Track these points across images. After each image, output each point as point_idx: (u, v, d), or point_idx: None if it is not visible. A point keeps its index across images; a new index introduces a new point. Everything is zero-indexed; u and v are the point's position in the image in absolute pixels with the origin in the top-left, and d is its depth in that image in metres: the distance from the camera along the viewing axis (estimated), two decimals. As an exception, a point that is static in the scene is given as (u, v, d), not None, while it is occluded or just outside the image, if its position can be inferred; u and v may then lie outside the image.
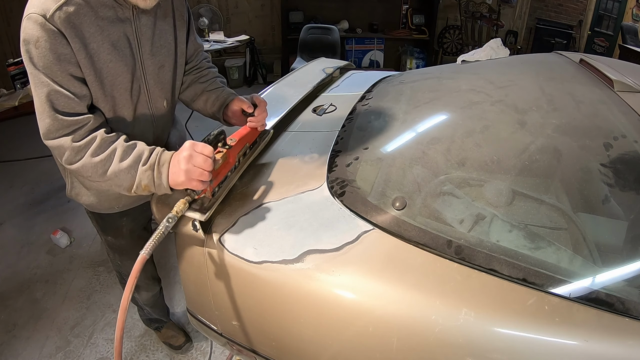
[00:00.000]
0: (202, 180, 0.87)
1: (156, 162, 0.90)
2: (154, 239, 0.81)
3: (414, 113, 1.28)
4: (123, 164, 0.90)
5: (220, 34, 4.53)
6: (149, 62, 1.01)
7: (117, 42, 0.93)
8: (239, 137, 1.02)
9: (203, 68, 1.21)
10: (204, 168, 0.86)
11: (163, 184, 0.90)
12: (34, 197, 2.82)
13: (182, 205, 0.87)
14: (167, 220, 0.84)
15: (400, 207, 0.93)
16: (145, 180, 0.90)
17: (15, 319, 1.96)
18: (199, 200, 0.92)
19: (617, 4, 4.54)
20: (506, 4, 5.37)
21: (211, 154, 0.87)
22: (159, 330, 1.80)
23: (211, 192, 0.93)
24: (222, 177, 0.97)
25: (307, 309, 0.87)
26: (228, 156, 0.97)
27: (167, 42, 1.05)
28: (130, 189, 0.92)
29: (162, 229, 0.83)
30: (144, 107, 1.06)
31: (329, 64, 1.88)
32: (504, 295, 0.78)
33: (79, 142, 0.89)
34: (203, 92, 1.18)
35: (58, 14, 0.82)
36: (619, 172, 0.94)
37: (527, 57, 1.94)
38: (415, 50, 5.34)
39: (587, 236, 0.87)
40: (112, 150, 0.90)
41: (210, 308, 1.03)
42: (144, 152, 0.91)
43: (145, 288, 1.53)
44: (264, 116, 1.09)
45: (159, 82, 1.06)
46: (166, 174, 0.89)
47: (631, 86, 1.17)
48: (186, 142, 0.89)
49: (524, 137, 1.06)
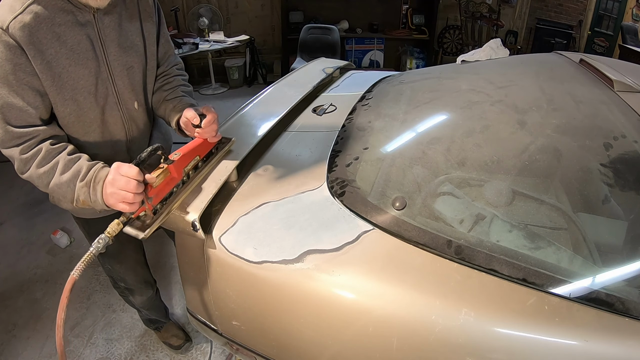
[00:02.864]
0: (128, 203, 0.85)
1: (92, 180, 0.90)
2: (84, 260, 0.80)
3: (414, 113, 1.28)
4: (63, 177, 0.91)
5: (220, 34, 4.54)
6: (115, 64, 1.01)
7: (77, 46, 0.93)
8: (185, 150, 0.99)
9: (170, 75, 1.18)
10: (128, 190, 0.84)
11: (99, 201, 0.90)
12: (34, 197, 2.83)
13: (115, 226, 0.85)
14: (97, 242, 0.83)
15: (400, 207, 0.93)
16: (82, 196, 0.91)
17: (15, 319, 1.96)
18: (141, 217, 0.91)
19: (617, 4, 4.54)
20: (506, 4, 5.37)
21: (135, 176, 0.84)
22: (159, 330, 1.80)
23: (152, 210, 0.91)
24: (164, 193, 0.94)
25: (307, 309, 0.87)
26: (171, 171, 0.93)
27: (135, 44, 1.04)
28: (72, 202, 0.93)
29: (92, 250, 0.82)
30: (114, 109, 1.05)
31: (329, 64, 1.88)
32: (503, 295, 0.78)
33: (26, 154, 0.91)
34: (163, 101, 1.15)
35: (13, 24, 0.84)
36: (619, 172, 0.94)
37: (527, 57, 1.94)
38: (415, 50, 5.34)
39: (587, 236, 0.87)
40: (55, 163, 0.92)
41: (210, 308, 1.03)
42: (82, 167, 0.92)
43: (139, 292, 1.51)
44: (212, 128, 1.04)
45: (129, 83, 1.05)
46: (100, 193, 0.89)
47: (631, 86, 1.17)
48: (113, 164, 0.88)
49: (524, 137, 1.06)
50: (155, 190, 0.89)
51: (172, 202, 0.96)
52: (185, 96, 1.15)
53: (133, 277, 1.43)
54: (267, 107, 1.39)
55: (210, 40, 4.34)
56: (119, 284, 1.46)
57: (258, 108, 1.40)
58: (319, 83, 1.64)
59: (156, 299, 1.65)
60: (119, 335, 1.86)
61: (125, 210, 0.86)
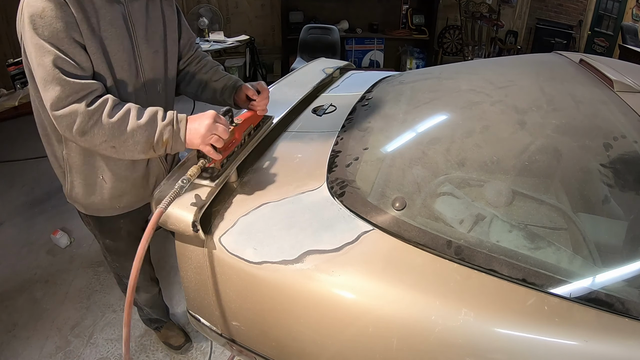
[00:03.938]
0: (215, 147, 0.94)
1: (174, 119, 0.95)
2: (171, 195, 0.86)
3: (414, 113, 1.28)
4: (141, 121, 0.93)
5: (220, 34, 4.53)
6: (143, 47, 1.05)
7: (115, 21, 0.97)
8: (244, 118, 1.13)
9: (201, 58, 1.29)
10: (222, 136, 0.94)
11: (181, 139, 0.95)
12: (34, 197, 2.82)
13: (196, 170, 0.94)
14: (182, 181, 0.89)
15: (400, 208, 0.93)
16: (166, 134, 0.94)
17: (15, 319, 1.96)
18: (209, 170, 1.01)
19: (617, 4, 4.54)
20: (506, 4, 5.37)
21: (229, 127, 0.97)
22: (159, 330, 1.80)
23: (220, 164, 1.01)
24: (230, 151, 1.05)
25: (307, 309, 0.87)
26: (235, 132, 1.05)
27: (159, 29, 1.10)
28: (148, 148, 0.95)
29: (177, 188, 0.88)
30: (141, 90, 1.09)
31: (329, 64, 1.88)
32: (503, 295, 0.78)
33: (92, 105, 0.90)
34: (209, 82, 1.26)
35: None
36: (619, 172, 0.94)
37: (527, 57, 1.94)
38: (415, 50, 5.33)
39: (587, 236, 0.87)
40: (127, 110, 0.93)
41: (210, 308, 1.03)
42: (158, 110, 0.96)
43: (145, 289, 1.53)
44: (265, 102, 1.18)
45: (154, 67, 1.11)
46: (184, 130, 0.95)
47: (631, 86, 1.17)
48: (209, 112, 0.95)
49: (524, 137, 1.06)
50: (224, 146, 1.00)
51: (234, 160, 1.07)
52: (228, 74, 1.27)
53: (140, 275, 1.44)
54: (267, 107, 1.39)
55: (210, 40, 4.34)
56: (125, 281, 1.48)
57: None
58: (319, 83, 1.64)
59: (159, 298, 1.66)
60: (119, 335, 1.85)
61: (209, 152, 0.95)
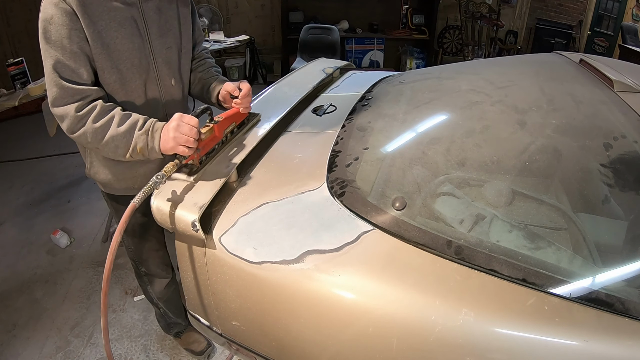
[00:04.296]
0: (188, 147, 0.98)
1: (150, 128, 1.03)
2: (144, 191, 0.91)
3: (414, 113, 1.28)
4: (120, 128, 1.02)
5: (220, 34, 4.53)
6: (156, 43, 1.13)
7: (125, 21, 1.05)
8: (226, 115, 1.16)
9: (201, 58, 1.35)
10: (190, 135, 0.98)
11: (155, 148, 1.03)
12: (34, 197, 2.82)
13: (171, 167, 0.98)
14: (156, 177, 0.93)
15: (400, 208, 0.93)
16: (140, 143, 1.02)
17: (15, 319, 1.96)
18: (188, 166, 1.04)
19: (617, 4, 4.54)
20: (506, 4, 5.37)
21: (196, 124, 0.99)
22: (179, 336, 1.78)
23: (198, 160, 1.05)
24: (209, 148, 1.09)
25: (307, 309, 0.87)
26: (214, 130, 1.09)
27: (173, 26, 1.18)
28: (126, 153, 1.04)
29: (151, 184, 0.92)
30: (153, 83, 1.17)
31: (329, 64, 1.88)
32: (503, 295, 0.78)
33: (82, 110, 1.00)
34: (199, 80, 1.32)
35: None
36: (619, 172, 0.94)
37: (527, 57, 1.94)
38: (415, 50, 5.33)
39: (587, 236, 0.87)
40: (111, 117, 1.02)
41: (210, 308, 1.03)
42: (139, 119, 1.04)
43: (159, 275, 1.53)
44: (247, 100, 1.20)
45: (167, 61, 1.18)
46: (158, 139, 1.02)
47: (631, 86, 1.17)
48: (176, 114, 1.00)
49: (523, 138, 1.06)
50: (202, 144, 1.04)
51: (213, 157, 1.11)
52: (219, 75, 1.32)
53: (155, 258, 1.50)
54: (267, 107, 1.39)
55: (210, 40, 4.33)
56: (141, 268, 1.51)
57: (258, 108, 1.40)
58: (319, 83, 1.64)
59: (174, 292, 1.63)
60: (119, 335, 1.86)
61: (184, 153, 0.99)
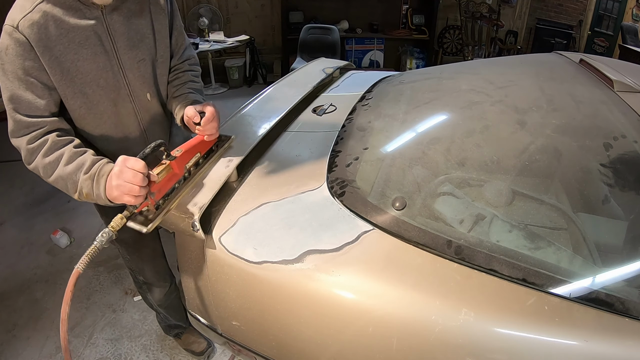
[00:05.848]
0: (134, 195, 0.86)
1: (96, 173, 0.92)
2: (88, 254, 0.82)
3: (414, 113, 1.28)
4: (67, 168, 0.93)
5: (220, 34, 4.54)
6: (125, 57, 1.04)
7: (85, 41, 0.96)
8: (187, 147, 1.01)
9: (180, 70, 1.20)
10: (134, 183, 0.85)
11: (101, 196, 0.91)
12: (34, 197, 2.81)
13: (119, 220, 0.87)
14: (101, 235, 0.85)
15: (400, 207, 0.93)
16: (85, 188, 0.93)
17: (15, 319, 1.96)
18: (144, 212, 0.92)
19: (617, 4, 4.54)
20: (506, 4, 5.37)
21: (142, 169, 0.86)
22: (179, 337, 1.77)
23: (154, 205, 0.92)
24: (167, 189, 0.96)
25: (307, 309, 0.87)
26: (172, 167, 0.95)
27: (145, 37, 1.07)
28: (75, 194, 0.95)
29: (96, 244, 0.84)
30: (126, 101, 1.08)
31: (329, 64, 1.88)
32: (503, 295, 0.78)
33: (33, 143, 0.94)
34: (171, 97, 1.17)
35: (23, 22, 0.89)
36: (619, 172, 0.94)
37: (527, 57, 1.94)
38: (415, 50, 5.33)
39: (587, 236, 0.87)
40: (60, 154, 0.94)
41: (210, 308, 1.03)
42: (86, 160, 0.94)
43: (157, 285, 1.48)
44: (212, 125, 1.06)
45: (140, 75, 1.08)
46: (103, 186, 0.91)
47: (631, 86, 1.17)
48: (119, 158, 0.89)
49: (524, 137, 1.06)
50: (158, 186, 0.91)
51: (174, 198, 0.98)
52: (192, 92, 1.15)
53: (151, 267, 1.44)
54: (267, 107, 1.39)
55: (210, 40, 4.34)
56: (138, 277, 1.46)
57: (258, 108, 1.40)
58: (319, 83, 1.64)
59: (175, 298, 1.60)
60: (119, 335, 1.86)
61: (130, 202, 0.88)
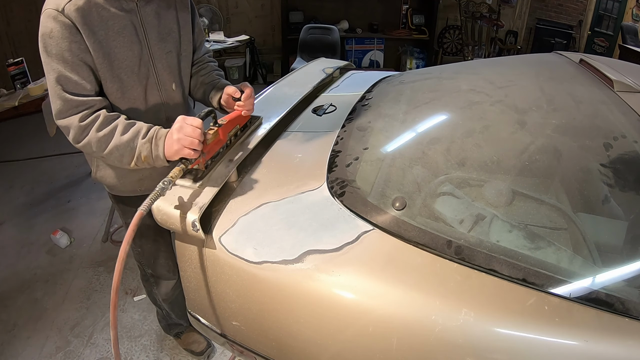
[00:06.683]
0: (193, 149, 0.96)
1: (154, 136, 1.01)
2: (151, 197, 0.88)
3: (414, 113, 1.28)
4: (124, 137, 1.01)
5: (220, 34, 4.53)
6: (156, 48, 1.13)
7: (123, 30, 1.05)
8: (229, 118, 1.14)
9: (203, 62, 1.34)
10: (194, 136, 0.95)
11: (160, 156, 1.01)
12: (34, 197, 2.82)
13: (177, 171, 0.95)
14: (162, 183, 0.91)
15: (400, 208, 0.93)
16: (144, 152, 1.01)
17: (15, 319, 1.96)
18: (193, 171, 1.02)
19: (617, 4, 4.54)
20: (506, 4, 5.37)
21: (200, 125, 0.96)
22: (179, 337, 1.79)
23: (204, 165, 1.02)
24: (214, 152, 1.07)
25: (307, 309, 0.87)
26: (219, 133, 1.06)
27: (172, 31, 1.17)
28: (131, 161, 1.03)
29: (158, 190, 0.89)
30: (154, 89, 1.17)
31: (329, 64, 1.88)
32: (503, 295, 0.78)
33: (85, 120, 1.01)
34: (201, 85, 1.30)
35: (68, 7, 0.95)
36: (619, 172, 0.94)
37: (527, 57, 1.94)
38: (415, 50, 5.34)
39: (587, 236, 0.87)
40: (114, 126, 1.02)
41: (210, 308, 1.03)
42: (142, 127, 1.03)
43: (165, 277, 1.53)
44: (250, 102, 1.18)
45: (167, 66, 1.18)
46: (162, 146, 1.00)
47: (631, 86, 1.17)
48: (179, 117, 0.98)
49: (524, 137, 1.06)
50: (208, 147, 1.01)
51: (219, 161, 1.08)
52: (221, 79, 1.30)
53: (163, 259, 1.49)
54: (267, 107, 1.39)
55: (210, 40, 4.34)
56: (147, 270, 1.51)
57: (258, 108, 1.40)
58: (319, 83, 1.64)
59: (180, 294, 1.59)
60: (119, 335, 1.86)
61: (189, 155, 0.96)
